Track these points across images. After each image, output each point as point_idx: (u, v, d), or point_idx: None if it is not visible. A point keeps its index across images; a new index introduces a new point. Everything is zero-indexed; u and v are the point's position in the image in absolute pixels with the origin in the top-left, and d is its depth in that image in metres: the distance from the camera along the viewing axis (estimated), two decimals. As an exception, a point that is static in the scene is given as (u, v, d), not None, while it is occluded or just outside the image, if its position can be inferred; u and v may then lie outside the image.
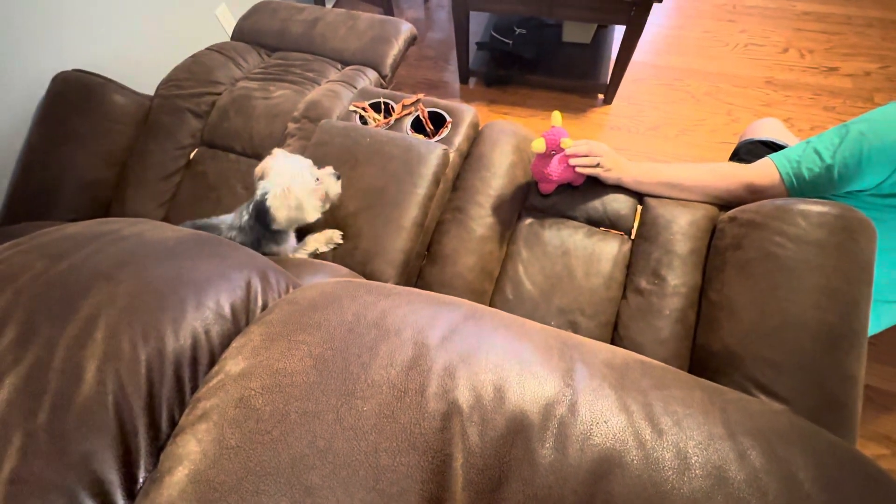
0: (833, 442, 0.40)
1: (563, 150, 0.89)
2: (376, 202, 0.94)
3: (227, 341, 0.45)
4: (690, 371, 0.82)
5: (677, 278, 0.88)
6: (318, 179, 0.87)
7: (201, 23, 1.80)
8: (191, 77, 1.33)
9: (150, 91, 1.37)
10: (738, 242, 0.81)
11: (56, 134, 1.22)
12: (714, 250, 0.88)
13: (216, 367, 0.39)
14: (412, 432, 0.34)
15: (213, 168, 1.28)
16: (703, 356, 0.80)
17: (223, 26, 1.87)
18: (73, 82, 1.24)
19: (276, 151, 0.92)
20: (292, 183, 0.82)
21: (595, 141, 0.94)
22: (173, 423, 0.39)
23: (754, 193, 0.87)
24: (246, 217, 0.87)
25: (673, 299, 0.87)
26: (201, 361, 0.42)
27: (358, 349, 0.37)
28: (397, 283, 0.92)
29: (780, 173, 0.83)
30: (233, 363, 0.38)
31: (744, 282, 0.76)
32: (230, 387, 0.37)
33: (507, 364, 0.37)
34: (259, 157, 1.29)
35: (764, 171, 0.85)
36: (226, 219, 0.90)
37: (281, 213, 0.81)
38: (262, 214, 0.83)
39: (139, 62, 1.54)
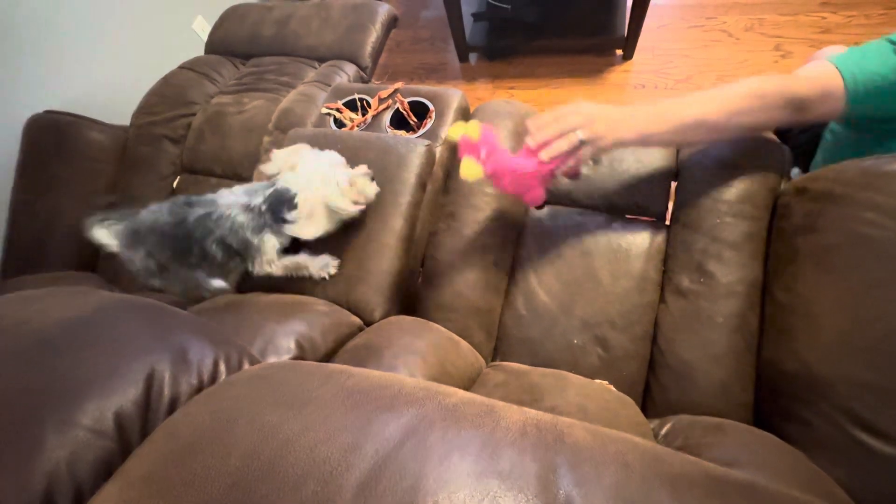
0: None
1: (501, 150, 0.64)
2: (354, 219, 0.81)
3: (105, 469, 0.34)
4: (757, 397, 0.64)
5: (730, 274, 0.69)
6: (349, 182, 0.77)
7: (179, 39, 1.72)
8: (162, 101, 1.24)
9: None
10: (811, 223, 0.61)
11: (38, 182, 1.17)
12: (778, 234, 0.68)
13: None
14: None
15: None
16: (772, 376, 0.62)
17: (203, 39, 1.78)
18: (46, 125, 1.19)
19: (300, 146, 0.82)
20: (325, 187, 0.74)
21: (564, 106, 0.63)
22: None
23: (803, 112, 0.63)
24: (260, 200, 0.77)
25: (727, 302, 0.69)
26: (60, 510, 0.32)
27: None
28: (388, 311, 0.79)
29: (842, 77, 0.60)
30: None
31: (824, 277, 0.57)
32: None
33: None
34: (239, 177, 1.19)
35: (819, 77, 0.62)
36: (226, 196, 0.79)
37: (304, 210, 0.74)
38: (278, 207, 0.75)
39: (121, 90, 1.47)
